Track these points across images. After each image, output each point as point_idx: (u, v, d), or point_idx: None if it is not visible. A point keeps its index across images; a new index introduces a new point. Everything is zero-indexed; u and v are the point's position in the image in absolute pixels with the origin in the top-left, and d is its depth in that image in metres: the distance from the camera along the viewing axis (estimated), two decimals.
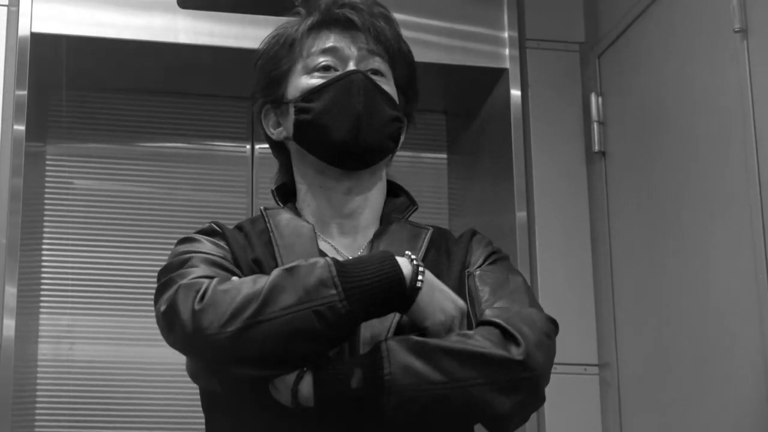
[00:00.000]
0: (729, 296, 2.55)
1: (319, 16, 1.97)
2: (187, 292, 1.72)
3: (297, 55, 1.96)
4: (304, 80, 1.94)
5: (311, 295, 1.66)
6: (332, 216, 1.95)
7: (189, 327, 1.68)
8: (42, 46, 3.12)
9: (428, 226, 2.01)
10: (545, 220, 3.24)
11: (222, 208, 3.43)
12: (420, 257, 1.88)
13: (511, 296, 1.84)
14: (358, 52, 1.95)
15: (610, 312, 3.11)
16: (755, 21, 2.48)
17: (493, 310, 1.79)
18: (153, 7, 3.19)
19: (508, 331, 1.72)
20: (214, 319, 1.67)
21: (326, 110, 1.91)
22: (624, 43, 3.13)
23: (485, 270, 1.91)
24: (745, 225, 2.46)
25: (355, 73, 1.92)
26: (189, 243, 1.88)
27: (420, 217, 2.05)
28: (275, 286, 1.68)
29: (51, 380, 3.33)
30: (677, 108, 2.83)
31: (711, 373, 2.62)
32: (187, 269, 1.79)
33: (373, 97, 1.92)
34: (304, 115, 1.92)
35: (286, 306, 1.66)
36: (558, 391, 3.10)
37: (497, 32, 3.36)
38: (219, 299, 1.68)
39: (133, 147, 3.54)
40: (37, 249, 3.36)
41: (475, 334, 1.71)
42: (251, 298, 1.67)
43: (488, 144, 3.48)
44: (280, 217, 1.94)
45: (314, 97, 1.92)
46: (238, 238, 1.90)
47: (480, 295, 1.85)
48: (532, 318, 1.78)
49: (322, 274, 1.68)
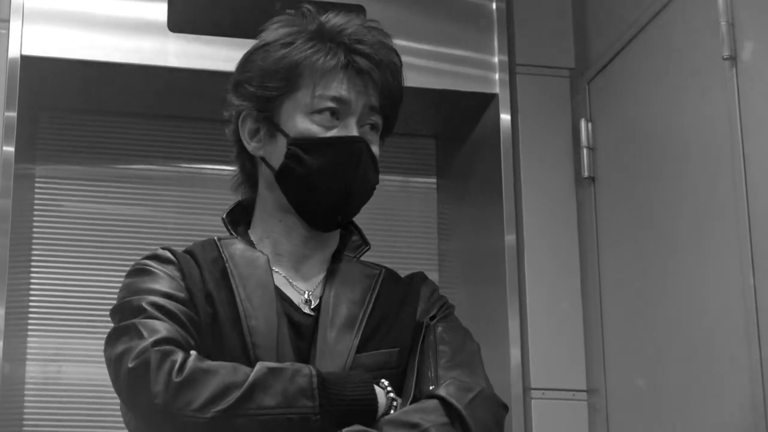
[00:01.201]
0: (718, 321, 2.55)
1: (342, 59, 1.91)
2: (162, 360, 1.71)
3: (304, 85, 1.91)
4: (305, 123, 1.90)
5: (289, 401, 1.69)
6: (289, 252, 1.96)
7: (160, 398, 1.68)
8: (32, 68, 3.11)
9: (380, 267, 2.02)
10: (534, 244, 3.24)
11: (210, 230, 3.41)
12: (373, 298, 1.92)
13: (470, 367, 1.87)
14: (362, 108, 1.92)
15: (598, 337, 3.11)
16: (744, 48, 2.49)
17: (452, 386, 1.81)
18: (143, 30, 3.20)
19: (465, 420, 1.76)
20: (192, 399, 1.67)
21: (321, 170, 1.89)
22: (614, 70, 3.14)
23: (445, 329, 1.93)
24: (733, 251, 2.46)
25: (359, 143, 1.91)
26: (144, 276, 1.87)
27: (409, 242, 2.07)
28: (257, 383, 1.69)
29: (39, 402, 3.32)
30: (666, 134, 2.84)
31: (700, 400, 2.62)
32: (151, 321, 1.78)
33: (367, 169, 1.93)
34: (297, 164, 1.89)
35: (264, 406, 1.68)
36: (546, 416, 3.11)
37: (487, 57, 3.36)
38: (198, 380, 1.69)
39: (122, 169, 3.54)
40: (26, 270, 3.35)
41: (430, 426, 1.73)
42: (229, 388, 1.68)
43: (478, 168, 3.48)
44: (234, 248, 1.93)
45: (312, 150, 1.89)
46: (191, 269, 1.88)
47: (439, 355, 1.87)
48: (489, 405, 1.82)
49: (303, 383, 1.71)
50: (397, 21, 3.32)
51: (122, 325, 1.79)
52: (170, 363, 1.70)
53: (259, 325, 1.83)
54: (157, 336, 1.74)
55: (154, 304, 1.80)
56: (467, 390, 1.80)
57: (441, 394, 1.78)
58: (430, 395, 1.79)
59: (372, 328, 1.89)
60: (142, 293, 1.83)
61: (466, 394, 1.79)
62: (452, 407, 1.76)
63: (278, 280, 1.91)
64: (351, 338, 1.85)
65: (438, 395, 1.78)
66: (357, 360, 1.83)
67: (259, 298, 1.86)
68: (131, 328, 1.77)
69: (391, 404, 1.77)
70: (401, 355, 1.89)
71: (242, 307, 1.84)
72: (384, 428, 1.72)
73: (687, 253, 2.70)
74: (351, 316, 1.88)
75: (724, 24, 2.53)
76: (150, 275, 1.86)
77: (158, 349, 1.72)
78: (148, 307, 1.79)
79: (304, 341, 1.85)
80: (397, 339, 1.90)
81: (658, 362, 2.81)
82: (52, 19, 3.15)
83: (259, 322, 1.83)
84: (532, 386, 3.11)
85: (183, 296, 1.83)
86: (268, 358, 1.79)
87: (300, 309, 1.90)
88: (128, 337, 1.76)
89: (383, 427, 1.72)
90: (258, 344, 1.81)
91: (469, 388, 1.80)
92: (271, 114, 1.94)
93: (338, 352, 1.83)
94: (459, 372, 1.84)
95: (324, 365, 1.79)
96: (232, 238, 1.97)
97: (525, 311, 3.17)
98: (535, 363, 3.13)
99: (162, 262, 1.89)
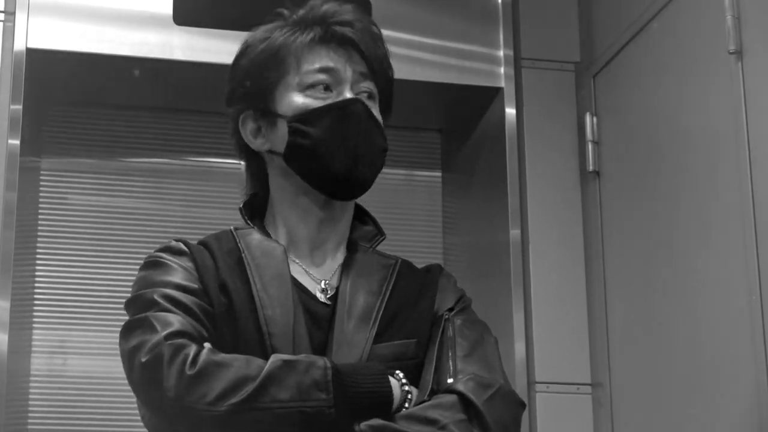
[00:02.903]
0: (722, 315, 2.55)
1: (320, 31, 1.94)
2: (174, 354, 1.70)
3: (290, 67, 1.93)
4: (299, 98, 1.92)
5: (303, 394, 1.68)
6: (304, 238, 1.95)
7: (173, 392, 1.68)
8: (37, 61, 3.11)
9: (396, 257, 2.02)
10: (539, 238, 3.24)
11: (216, 223, 3.42)
12: (389, 289, 1.92)
13: (489, 362, 1.86)
14: (353, 75, 1.93)
15: (603, 331, 3.11)
16: (750, 42, 2.49)
17: (471, 382, 1.80)
18: (148, 23, 3.20)
19: (482, 417, 1.75)
20: (205, 393, 1.67)
21: (325, 138, 1.89)
22: (619, 64, 3.13)
23: (464, 321, 1.93)
24: (738, 244, 2.46)
25: (355, 103, 1.91)
26: (158, 269, 1.87)
27: (413, 235, 2.08)
28: (271, 376, 1.69)
29: (44, 394, 3.33)
30: (672, 128, 2.84)
31: (704, 393, 2.62)
32: (164, 314, 1.77)
33: (370, 129, 1.92)
34: (300, 138, 1.90)
35: (278, 399, 1.67)
36: (550, 410, 3.11)
37: (492, 51, 3.36)
38: (211, 373, 1.69)
39: (128, 162, 3.54)
40: (31, 263, 3.36)
41: (449, 423, 1.73)
42: (243, 381, 1.68)
43: (483, 162, 3.48)
44: (250, 238, 1.93)
45: (312, 121, 1.90)
46: (205, 259, 1.88)
47: (458, 348, 1.86)
48: (508, 402, 1.82)
49: (317, 376, 1.70)
50: (403, 15, 3.33)
51: (135, 319, 1.79)
52: (183, 356, 1.70)
53: (275, 315, 1.82)
54: (170, 329, 1.74)
55: (166, 296, 1.80)
56: (486, 386, 1.79)
57: (460, 389, 1.77)
58: (449, 390, 1.78)
59: (388, 318, 1.88)
60: (156, 286, 1.83)
61: (485, 391, 1.78)
62: (471, 403, 1.75)
63: (294, 270, 1.91)
64: (368, 329, 1.85)
65: (457, 390, 1.77)
66: (374, 351, 1.83)
67: (276, 288, 1.85)
68: (144, 322, 1.77)
69: (406, 396, 1.76)
70: (418, 346, 1.88)
71: (258, 296, 1.84)
72: (401, 423, 1.71)
73: (692, 247, 2.70)
74: (368, 306, 1.88)
75: (730, 18, 2.53)
76: (163, 267, 1.87)
77: (171, 343, 1.71)
78: (160, 299, 1.79)
79: (321, 331, 1.85)
80: (414, 330, 1.89)
81: (663, 356, 2.81)
82: (58, 12, 3.15)
83: (275, 311, 1.83)
84: (537, 380, 3.11)
85: (196, 287, 1.83)
86: (284, 348, 1.79)
87: (316, 298, 1.90)
88: (141, 330, 1.76)
89: (400, 422, 1.71)
90: (274, 333, 1.81)
91: (488, 385, 1.79)
92: (267, 105, 1.95)
93: (355, 343, 1.83)
94: (478, 367, 1.83)
95: (341, 355, 1.79)
96: (248, 229, 1.96)
97: (530, 305, 3.17)
98: (539, 357, 3.14)
99: (175, 253, 1.89)
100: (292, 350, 1.79)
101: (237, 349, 1.76)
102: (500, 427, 1.76)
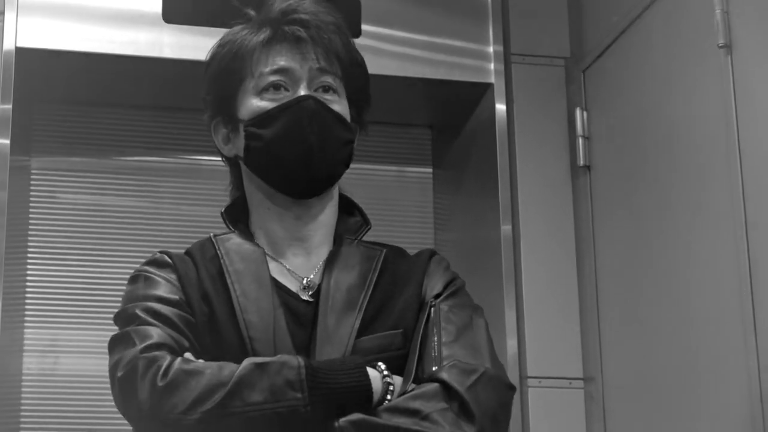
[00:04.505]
0: (713, 309, 2.55)
1: (270, 32, 1.94)
2: (147, 366, 1.71)
3: (247, 71, 1.93)
4: (255, 102, 1.92)
5: (277, 395, 1.67)
6: (284, 238, 1.95)
7: (146, 405, 1.69)
8: (27, 60, 3.11)
9: (381, 247, 2.00)
10: (530, 234, 3.24)
11: (207, 222, 3.43)
12: (374, 280, 1.90)
13: (474, 346, 1.84)
14: (308, 72, 1.92)
15: (595, 325, 3.11)
16: (739, 37, 2.49)
17: (454, 369, 1.78)
18: (138, 21, 3.19)
19: (466, 405, 1.73)
20: (177, 402, 1.67)
21: (277, 138, 1.89)
22: (609, 58, 3.14)
23: (452, 307, 1.90)
24: (728, 238, 2.47)
25: (306, 100, 1.90)
26: (140, 283, 1.88)
27: (405, 232, 2.07)
28: (242, 380, 1.68)
29: (35, 393, 3.32)
30: (662, 123, 2.84)
31: (696, 387, 2.62)
32: (144, 327, 1.78)
33: (325, 122, 1.90)
34: (254, 141, 1.90)
35: (251, 402, 1.67)
36: (543, 404, 3.12)
37: (482, 47, 3.36)
38: (182, 383, 1.69)
39: (118, 161, 3.54)
40: (22, 262, 3.35)
41: (432, 412, 1.71)
42: (215, 388, 1.68)
43: (473, 158, 3.48)
44: (230, 243, 1.94)
45: (265, 123, 1.90)
46: (188, 270, 1.89)
47: (443, 334, 1.84)
48: (494, 387, 1.79)
49: (291, 376, 1.69)
50: (392, 11, 3.33)
51: (118, 334, 1.81)
52: (155, 368, 1.70)
53: (255, 319, 1.82)
54: (148, 342, 1.75)
55: (148, 309, 1.81)
56: (470, 372, 1.77)
57: (442, 377, 1.75)
58: (432, 378, 1.77)
59: (374, 310, 1.87)
60: (138, 300, 1.84)
61: (468, 377, 1.76)
62: (454, 391, 1.73)
63: (275, 270, 1.90)
64: (351, 323, 1.84)
65: (439, 378, 1.75)
66: (358, 344, 1.82)
67: (255, 291, 1.85)
68: (125, 337, 1.78)
69: (387, 388, 1.74)
70: (405, 336, 1.87)
71: (238, 302, 1.84)
72: (383, 416, 1.70)
73: (683, 242, 2.71)
74: (351, 300, 1.87)
75: (719, 12, 2.53)
76: (146, 281, 1.87)
77: (145, 356, 1.72)
78: (141, 313, 1.80)
79: (304, 330, 1.84)
80: (400, 320, 1.88)
81: (655, 350, 2.81)
82: (47, 11, 3.15)
83: (255, 315, 1.83)
84: (529, 374, 3.12)
85: (177, 298, 1.84)
86: (266, 351, 1.78)
87: (298, 297, 1.89)
88: (122, 346, 1.78)
89: (382, 415, 1.70)
90: (255, 338, 1.80)
91: (472, 370, 1.77)
92: (230, 112, 1.96)
93: (338, 338, 1.82)
94: (463, 353, 1.81)
95: (325, 352, 1.79)
96: (228, 234, 1.97)
97: (521, 300, 3.17)
98: (531, 351, 3.14)
99: (159, 266, 1.90)
100: (274, 352, 1.78)
101: (221, 357, 1.75)
102: (487, 413, 1.74)
